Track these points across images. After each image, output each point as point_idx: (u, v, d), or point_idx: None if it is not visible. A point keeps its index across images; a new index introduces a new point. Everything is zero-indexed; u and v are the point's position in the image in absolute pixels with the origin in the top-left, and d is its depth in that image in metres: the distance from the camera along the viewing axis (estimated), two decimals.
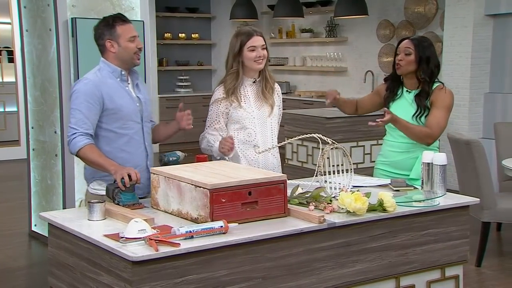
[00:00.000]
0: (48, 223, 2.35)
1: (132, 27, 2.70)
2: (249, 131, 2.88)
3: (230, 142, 2.78)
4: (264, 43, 2.88)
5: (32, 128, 4.53)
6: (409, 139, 2.97)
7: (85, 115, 2.57)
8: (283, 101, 3.12)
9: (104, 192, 2.58)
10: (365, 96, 3.27)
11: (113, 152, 2.65)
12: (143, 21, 4.28)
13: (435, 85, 2.97)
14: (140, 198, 2.51)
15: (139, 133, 2.73)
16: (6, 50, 7.95)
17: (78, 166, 4.15)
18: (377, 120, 2.81)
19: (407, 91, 3.01)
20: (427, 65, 2.90)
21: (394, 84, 3.04)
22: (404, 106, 2.99)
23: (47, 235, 2.42)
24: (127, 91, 2.70)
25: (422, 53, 2.89)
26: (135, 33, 2.69)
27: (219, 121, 2.90)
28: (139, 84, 2.79)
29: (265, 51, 2.87)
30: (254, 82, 2.93)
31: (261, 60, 2.85)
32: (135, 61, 2.69)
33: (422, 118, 2.94)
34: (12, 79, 7.86)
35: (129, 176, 2.41)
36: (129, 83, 2.73)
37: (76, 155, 2.59)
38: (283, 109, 3.10)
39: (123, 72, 2.68)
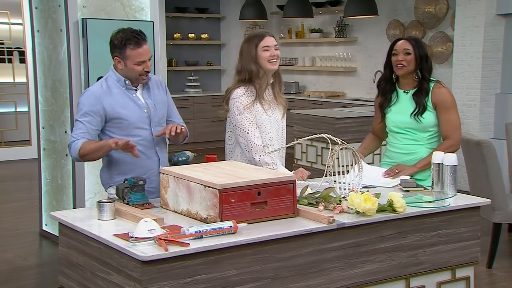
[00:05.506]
0: (59, 223, 2.37)
1: (145, 50, 2.63)
2: (271, 135, 2.83)
3: (306, 173, 2.81)
4: (276, 43, 2.86)
5: (43, 128, 4.56)
6: (412, 140, 2.98)
7: (86, 126, 2.64)
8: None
9: None
10: (373, 122, 3.21)
11: (123, 158, 2.68)
12: (152, 21, 4.29)
13: (432, 84, 2.98)
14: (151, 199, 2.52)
15: (148, 139, 2.74)
16: (18, 51, 8.00)
17: (88, 166, 4.17)
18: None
19: (404, 92, 3.01)
20: (426, 63, 2.95)
21: (387, 88, 3.04)
22: (403, 109, 2.99)
23: (57, 235, 2.44)
24: (133, 99, 2.71)
25: (422, 51, 2.94)
26: (145, 57, 2.64)
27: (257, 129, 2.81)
28: (151, 88, 2.78)
29: (278, 51, 2.85)
30: (269, 85, 2.88)
31: (274, 60, 2.81)
32: (140, 81, 2.72)
33: (420, 116, 2.93)
34: (24, 80, 7.90)
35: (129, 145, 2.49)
36: (136, 90, 2.74)
37: (80, 158, 2.62)
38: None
39: (127, 82, 2.70)
